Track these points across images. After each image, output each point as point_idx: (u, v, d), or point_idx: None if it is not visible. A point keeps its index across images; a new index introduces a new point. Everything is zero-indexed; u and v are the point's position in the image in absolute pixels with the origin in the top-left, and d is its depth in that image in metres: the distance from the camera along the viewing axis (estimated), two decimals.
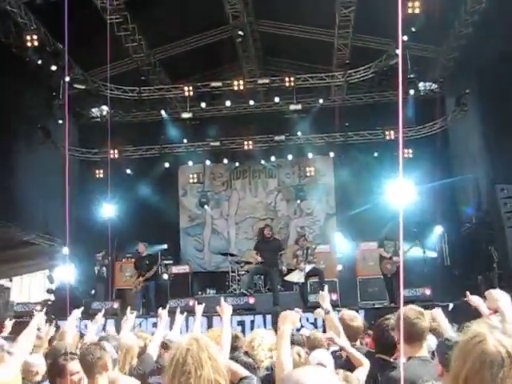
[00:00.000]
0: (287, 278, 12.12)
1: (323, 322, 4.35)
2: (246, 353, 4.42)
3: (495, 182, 11.56)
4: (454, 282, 12.71)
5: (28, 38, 12.11)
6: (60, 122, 14.55)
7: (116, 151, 15.99)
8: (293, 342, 4.22)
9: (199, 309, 5.82)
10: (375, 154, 15.74)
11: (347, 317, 4.71)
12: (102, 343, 3.97)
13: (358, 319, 4.73)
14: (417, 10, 11.31)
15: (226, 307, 4.39)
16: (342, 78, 14.98)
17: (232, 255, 15.88)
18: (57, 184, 15.97)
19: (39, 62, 12.66)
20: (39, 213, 15.10)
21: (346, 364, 3.98)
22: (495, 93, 12.11)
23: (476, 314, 4.29)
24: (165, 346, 4.81)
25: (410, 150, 15.04)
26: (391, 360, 3.90)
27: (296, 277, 11.82)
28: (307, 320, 9.78)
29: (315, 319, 9.42)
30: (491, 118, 12.99)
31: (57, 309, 11.87)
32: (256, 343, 4.53)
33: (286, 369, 2.84)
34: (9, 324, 5.75)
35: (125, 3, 12.77)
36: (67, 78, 13.66)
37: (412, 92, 14.12)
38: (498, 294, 3.35)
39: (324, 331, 5.39)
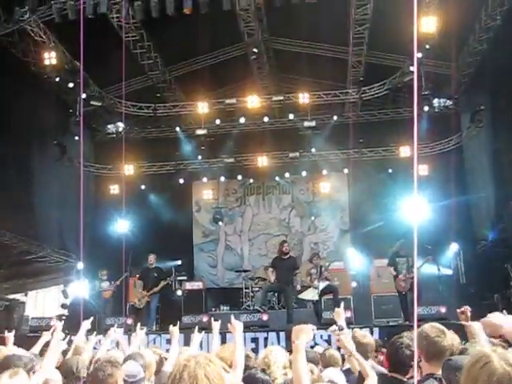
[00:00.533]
0: (301, 295, 12.06)
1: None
2: (263, 370, 4.39)
3: (510, 199, 11.47)
4: (469, 300, 12.47)
5: (46, 55, 12.33)
6: (76, 138, 14.72)
7: (131, 167, 16.11)
8: (306, 359, 4.19)
9: (216, 325, 5.80)
10: (389, 171, 15.70)
11: (359, 334, 4.74)
12: (113, 360, 3.95)
13: (368, 337, 4.73)
14: (431, 27, 11.33)
15: (237, 324, 4.37)
16: (356, 95, 15.01)
17: (245, 271, 15.86)
18: (72, 200, 16.13)
19: (57, 79, 12.85)
20: (55, 228, 15.23)
21: (358, 380, 3.95)
22: (508, 109, 12.07)
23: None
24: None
25: (425, 167, 14.99)
26: (405, 379, 3.86)
27: (310, 294, 11.76)
28: (321, 337, 9.72)
29: (329, 336, 9.36)
30: (503, 135, 12.94)
31: (71, 324, 11.91)
32: (271, 360, 4.50)
33: (303, 383, 2.82)
34: (10, 336, 5.70)
35: (141, 21, 12.93)
36: (83, 95, 13.83)
37: (426, 108, 14.11)
38: (498, 319, 3.23)
39: (338, 349, 5.35)
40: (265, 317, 11.63)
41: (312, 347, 4.80)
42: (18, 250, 13.97)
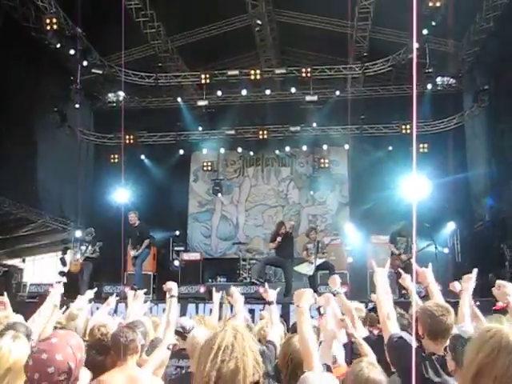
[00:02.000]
0: (296, 268, 12.12)
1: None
2: (259, 341, 4.44)
3: (510, 179, 11.48)
4: None
5: (47, 21, 12.15)
6: (77, 106, 14.64)
7: (131, 137, 16.07)
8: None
9: (216, 296, 5.86)
10: (390, 148, 15.69)
11: (354, 308, 4.72)
12: (134, 326, 4.01)
13: (363, 311, 4.75)
14: (438, 4, 11.20)
15: (238, 296, 4.39)
16: (360, 71, 14.89)
17: (242, 243, 15.94)
18: (72, 167, 16.18)
19: (58, 45, 12.71)
20: (54, 196, 15.25)
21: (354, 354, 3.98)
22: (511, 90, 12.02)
23: (490, 311, 4.31)
24: (180, 333, 4.81)
25: (426, 145, 14.99)
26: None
27: (306, 269, 11.83)
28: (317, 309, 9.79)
29: (319, 313, 9.42)
30: (506, 115, 12.88)
31: (68, 291, 12.01)
32: (267, 332, 4.56)
33: (310, 345, 2.84)
34: (5, 299, 5.72)
35: None
36: (84, 63, 13.72)
37: (430, 86, 14.03)
38: (509, 288, 3.28)
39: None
40: (261, 289, 11.71)
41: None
42: (17, 217, 14.00)
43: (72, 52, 13.08)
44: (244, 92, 15.66)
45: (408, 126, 14.98)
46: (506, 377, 1.80)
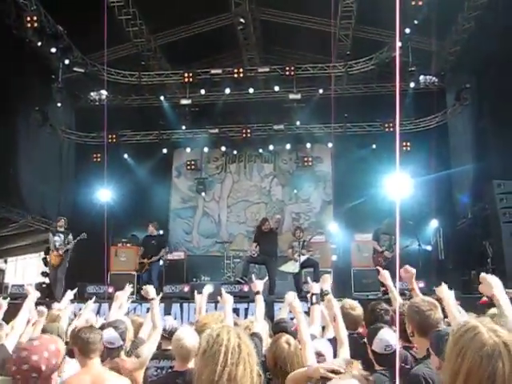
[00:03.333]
0: (282, 268, 12.13)
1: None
2: None
3: (492, 178, 11.57)
4: (447, 276, 12.76)
5: (28, 19, 12.01)
6: (58, 104, 14.49)
7: (114, 136, 15.96)
8: (285, 331, 4.23)
9: (198, 298, 5.84)
10: (373, 146, 15.76)
11: (348, 305, 4.73)
12: (94, 326, 3.98)
13: (358, 308, 4.73)
14: (420, 3, 11.26)
15: (227, 297, 4.44)
16: (343, 69, 14.93)
17: (226, 242, 15.90)
18: (54, 167, 16.03)
19: (39, 43, 12.58)
20: (36, 195, 15.09)
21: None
22: (495, 88, 12.09)
23: (472, 307, 4.34)
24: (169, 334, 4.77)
25: (409, 143, 15.06)
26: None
27: (291, 267, 11.84)
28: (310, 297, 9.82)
29: (309, 308, 9.44)
30: (490, 114, 12.98)
31: (51, 291, 11.90)
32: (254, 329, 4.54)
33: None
34: (3, 303, 5.70)
35: None
36: (66, 61, 13.59)
37: (412, 85, 14.10)
38: (493, 281, 3.31)
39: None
40: (246, 288, 11.71)
41: (292, 319, 4.81)
42: None
43: (53, 50, 12.95)
44: (227, 91, 15.61)
45: (391, 125, 15.06)
46: (488, 379, 1.79)
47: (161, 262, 14.65)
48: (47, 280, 13.67)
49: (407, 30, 12.07)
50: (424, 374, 3.10)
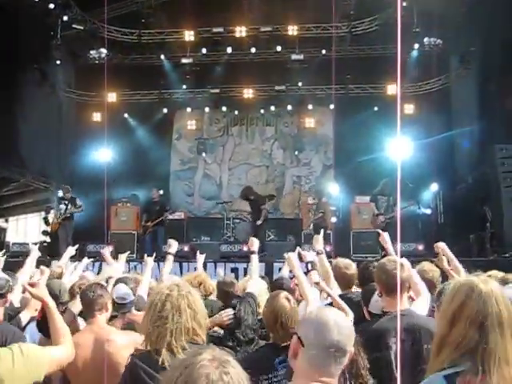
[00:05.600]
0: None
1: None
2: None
3: (494, 142, 11.52)
4: (446, 239, 12.78)
5: None
6: (58, 62, 14.33)
7: (114, 95, 15.81)
8: (282, 288, 4.27)
9: (200, 258, 5.93)
10: (375, 109, 15.62)
11: (342, 264, 4.68)
12: (101, 282, 4.02)
13: (352, 267, 4.71)
14: None
15: (254, 242, 4.64)
16: (346, 30, 14.71)
17: (226, 202, 15.94)
18: (54, 126, 15.94)
19: None
20: (36, 154, 15.05)
21: None
22: (500, 52, 11.93)
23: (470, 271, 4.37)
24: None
25: (411, 106, 14.93)
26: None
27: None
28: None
29: (307, 268, 9.52)
30: (493, 78, 12.83)
31: (52, 250, 11.99)
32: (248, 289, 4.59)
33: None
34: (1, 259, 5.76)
35: None
36: (65, 18, 13.38)
37: (416, 46, 13.91)
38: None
39: None
40: (245, 247, 11.79)
41: (291, 278, 4.84)
42: None
43: (52, 6, 12.74)
44: (229, 50, 15.41)
45: (394, 87, 14.90)
46: (476, 315, 1.93)
47: None
48: (48, 239, 13.78)
49: None
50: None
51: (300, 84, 16.12)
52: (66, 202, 12.54)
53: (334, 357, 1.96)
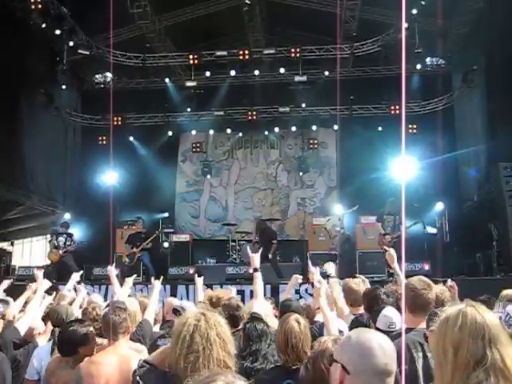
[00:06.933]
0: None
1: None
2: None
3: (499, 160, 11.52)
4: (453, 258, 12.77)
5: (32, 0, 11.96)
6: (63, 87, 14.47)
7: (119, 118, 15.92)
8: (290, 309, 4.27)
9: (199, 281, 5.91)
10: (379, 129, 15.67)
11: (352, 282, 4.84)
12: (123, 306, 4.02)
13: (361, 285, 4.80)
14: None
15: (255, 258, 4.84)
16: (349, 51, 14.81)
17: (232, 225, 15.96)
18: (60, 149, 16.05)
19: (43, 25, 12.53)
20: (42, 178, 15.12)
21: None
22: (503, 70, 11.98)
23: (477, 290, 4.38)
24: (177, 312, 4.83)
25: (415, 126, 14.99)
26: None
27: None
28: (306, 291, 9.94)
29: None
30: (497, 96, 12.87)
31: (59, 274, 11.99)
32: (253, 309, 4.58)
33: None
34: (6, 281, 5.82)
35: None
36: (71, 43, 13.54)
37: (419, 67, 13.99)
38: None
39: None
40: (251, 270, 11.74)
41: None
42: (4, 200, 13.88)
43: (58, 32, 12.90)
44: (233, 73, 15.53)
45: (397, 107, 14.97)
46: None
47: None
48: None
49: (414, 11, 11.95)
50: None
51: (304, 105, 16.23)
52: (65, 236, 12.99)
53: (382, 380, 1.90)
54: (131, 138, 16.75)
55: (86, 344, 3.73)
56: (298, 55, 14.53)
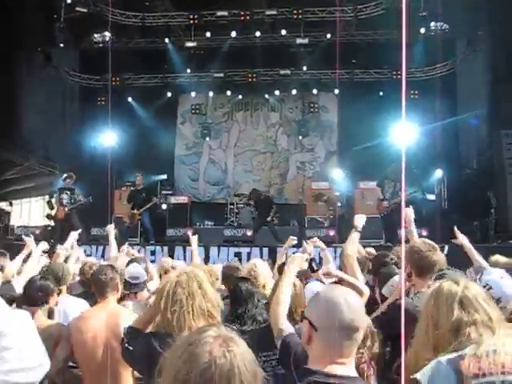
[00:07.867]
0: None
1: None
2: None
3: (500, 127, 11.45)
4: (450, 225, 12.76)
5: None
6: (61, 45, 14.24)
7: (118, 79, 15.74)
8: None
9: (194, 239, 5.93)
10: (380, 94, 15.51)
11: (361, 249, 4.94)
12: (113, 265, 4.08)
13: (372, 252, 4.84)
14: None
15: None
16: (352, 13, 14.55)
17: (231, 188, 15.96)
18: (58, 109, 15.90)
19: None
20: (39, 138, 15.03)
21: None
22: (508, 36, 11.80)
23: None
24: (167, 271, 4.88)
25: (416, 91, 14.82)
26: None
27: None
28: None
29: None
30: (501, 63, 12.71)
31: (57, 234, 12.02)
32: (257, 272, 4.61)
33: (280, 303, 2.83)
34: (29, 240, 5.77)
35: None
36: (69, 0, 13.30)
37: (423, 31, 13.76)
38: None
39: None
40: (249, 232, 11.83)
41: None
42: (2, 160, 13.83)
43: None
44: (233, 34, 15.28)
45: (399, 72, 14.77)
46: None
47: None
48: (52, 222, 13.81)
49: None
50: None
51: (305, 68, 16.02)
52: (68, 192, 12.67)
53: (348, 336, 1.94)
54: (130, 99, 16.58)
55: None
56: (299, 17, 14.31)
